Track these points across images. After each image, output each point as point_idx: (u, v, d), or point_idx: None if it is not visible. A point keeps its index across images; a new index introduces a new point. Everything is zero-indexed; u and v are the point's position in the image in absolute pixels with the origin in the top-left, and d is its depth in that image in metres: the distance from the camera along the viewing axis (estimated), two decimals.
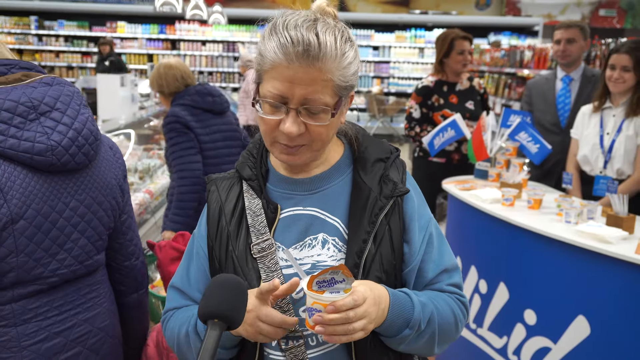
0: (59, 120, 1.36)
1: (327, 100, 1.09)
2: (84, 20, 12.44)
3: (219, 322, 0.94)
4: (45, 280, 1.36)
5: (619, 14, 13.09)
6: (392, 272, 1.18)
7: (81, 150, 1.39)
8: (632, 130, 3.07)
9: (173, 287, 1.31)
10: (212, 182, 1.30)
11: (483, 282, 2.98)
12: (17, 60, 1.42)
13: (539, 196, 2.88)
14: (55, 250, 1.36)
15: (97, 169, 1.46)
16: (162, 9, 5.39)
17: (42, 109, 1.35)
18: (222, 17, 8.66)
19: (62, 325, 1.40)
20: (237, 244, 1.19)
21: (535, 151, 3.30)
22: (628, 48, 3.07)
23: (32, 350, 1.35)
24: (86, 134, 1.40)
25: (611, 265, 2.30)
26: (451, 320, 1.21)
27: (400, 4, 13.37)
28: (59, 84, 1.42)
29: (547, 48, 5.83)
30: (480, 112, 3.92)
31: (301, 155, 1.15)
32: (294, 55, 1.05)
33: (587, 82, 3.70)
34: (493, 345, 2.92)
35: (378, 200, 1.18)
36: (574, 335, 2.43)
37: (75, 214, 1.40)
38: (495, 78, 7.24)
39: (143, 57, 12.42)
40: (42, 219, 1.33)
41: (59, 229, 1.37)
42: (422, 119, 3.96)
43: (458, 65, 3.89)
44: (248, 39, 12.05)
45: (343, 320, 1.02)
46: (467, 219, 3.17)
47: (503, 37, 12.04)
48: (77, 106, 1.42)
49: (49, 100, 1.37)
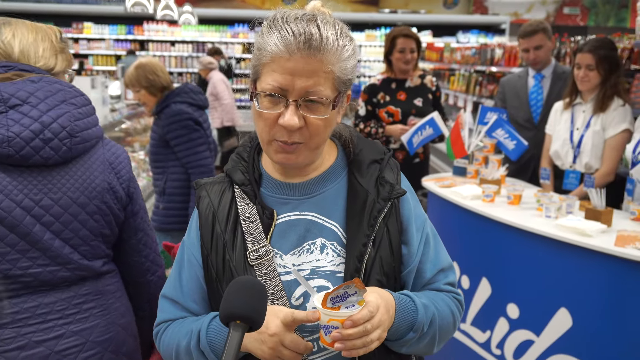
0: (25, 113, 1.33)
1: (327, 93, 1.08)
2: (48, 21, 12.12)
3: (241, 323, 0.93)
4: (18, 279, 1.31)
5: (582, 12, 13.42)
6: (392, 274, 1.18)
7: (48, 145, 1.33)
8: (599, 125, 3.16)
9: (165, 298, 1.25)
10: (202, 188, 1.25)
11: (465, 277, 3.02)
12: (16, 64, 1.41)
13: (519, 192, 2.93)
14: (24, 247, 1.32)
15: (82, 169, 1.41)
16: (133, 9, 5.30)
17: (12, 102, 1.33)
18: (192, 17, 8.57)
19: (45, 335, 1.34)
20: (234, 253, 1.17)
21: (512, 147, 3.35)
22: (591, 47, 3.16)
23: (7, 357, 1.31)
24: (55, 128, 1.34)
25: (591, 258, 2.35)
26: (450, 319, 1.22)
27: (369, 3, 13.44)
28: (46, 82, 1.40)
29: (516, 46, 5.93)
30: (428, 109, 3.95)
31: (298, 155, 1.13)
32: (295, 46, 1.04)
33: (558, 79, 3.79)
34: (476, 339, 2.96)
35: (376, 203, 1.18)
36: (556, 327, 2.49)
37: (47, 212, 1.34)
38: (466, 76, 7.33)
39: (111, 58, 12.21)
40: (4, 212, 1.29)
41: (25, 225, 1.32)
42: (366, 116, 4.01)
43: (399, 62, 3.91)
44: (218, 39, 11.95)
45: (361, 333, 1.01)
46: (448, 215, 3.20)
47: (471, 35, 12.21)
48: (58, 102, 1.37)
49: (22, 94, 1.34)
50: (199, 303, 1.22)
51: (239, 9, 12.61)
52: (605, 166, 3.15)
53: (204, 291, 1.22)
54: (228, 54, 11.54)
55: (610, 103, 3.14)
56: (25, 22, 1.51)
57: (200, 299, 1.22)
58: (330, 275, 1.15)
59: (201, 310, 1.22)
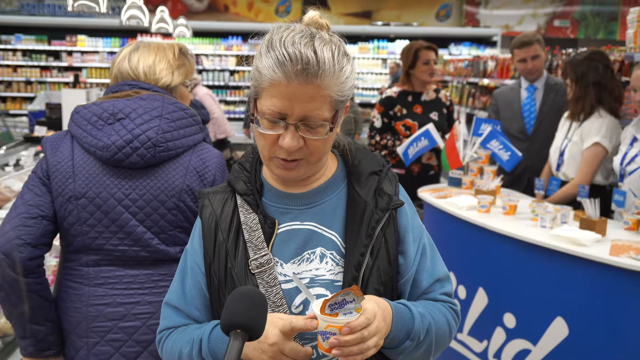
0: (125, 125, 1.68)
1: (325, 115, 1.11)
2: (42, 34, 12.17)
3: (242, 332, 0.95)
4: (110, 253, 1.70)
5: (572, 25, 13.57)
6: (390, 283, 1.20)
7: (135, 152, 1.67)
8: (578, 136, 3.21)
9: (168, 305, 1.27)
10: (205, 197, 1.28)
11: (462, 287, 3.04)
12: (137, 82, 1.78)
13: (514, 202, 2.96)
14: (114, 229, 1.68)
15: (165, 173, 1.72)
16: (129, 22, 5.32)
17: (118, 116, 1.70)
18: (187, 30, 8.60)
19: (126, 299, 1.69)
20: (235, 261, 1.19)
21: (507, 159, 3.39)
22: (571, 58, 3.31)
23: (96, 309, 1.69)
24: (142, 139, 1.68)
25: (587, 267, 2.38)
26: (446, 329, 1.24)
27: (362, 16, 13.55)
28: (150, 99, 1.74)
29: (509, 58, 6.00)
30: (444, 123, 4.01)
31: (298, 170, 1.16)
32: (292, 73, 1.06)
33: (550, 90, 3.85)
34: (473, 349, 2.98)
35: (374, 214, 1.20)
36: (553, 336, 2.51)
37: (134, 204, 1.69)
38: (459, 88, 7.40)
39: (105, 71, 12.19)
40: (100, 201, 1.67)
41: (116, 212, 1.67)
42: (383, 129, 4.04)
43: (424, 75, 3.96)
44: (212, 51, 11.98)
45: (359, 340, 1.03)
46: (444, 226, 3.23)
47: (463, 47, 12.32)
48: (151, 118, 1.70)
49: (127, 110, 1.70)
50: (201, 310, 1.24)
51: (232, 22, 12.67)
52: (576, 177, 3.20)
53: (207, 298, 1.23)
54: (222, 67, 11.59)
55: (587, 115, 3.20)
56: (150, 45, 1.82)
57: (203, 306, 1.24)
58: (329, 284, 1.18)
59: (204, 318, 1.24)
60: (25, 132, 6.55)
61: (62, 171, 1.68)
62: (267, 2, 13.34)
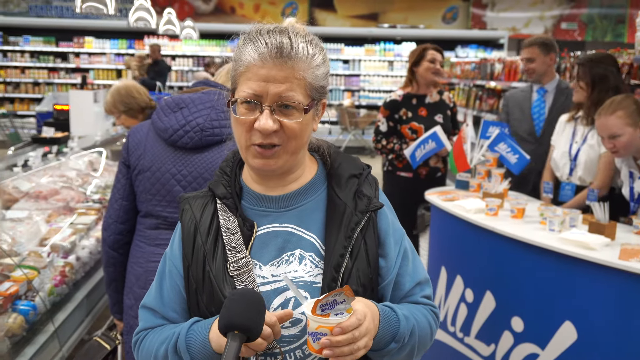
0: (183, 113, 2.06)
1: (300, 99, 1.14)
2: (50, 36, 12.24)
3: (239, 333, 0.96)
4: (166, 219, 2.08)
5: (580, 27, 13.54)
6: (369, 285, 1.21)
7: (187, 135, 2.03)
8: (595, 140, 3.19)
9: (145, 308, 1.28)
10: (185, 201, 1.29)
11: (469, 291, 3.03)
12: (208, 81, 2.24)
13: (522, 205, 2.94)
14: (169, 199, 2.06)
15: (211, 154, 2.06)
16: (137, 24, 5.34)
17: (181, 105, 2.09)
18: (194, 32, 8.63)
19: None
20: (214, 263, 1.19)
21: (515, 161, 3.38)
22: (581, 60, 3.28)
23: (154, 265, 2.01)
24: (193, 124, 2.04)
25: (595, 271, 2.36)
26: (428, 331, 1.26)
27: (369, 18, 13.56)
28: (209, 93, 2.12)
29: (517, 61, 5.99)
30: (448, 125, 3.99)
31: (277, 160, 1.17)
32: (267, 55, 1.11)
33: (561, 94, 3.85)
34: (481, 353, 2.96)
35: (354, 215, 1.21)
36: (561, 341, 2.49)
37: (184, 179, 2.04)
38: (466, 90, 7.39)
39: (112, 72, 12.27)
40: (159, 174, 2.05)
41: (170, 185, 2.05)
42: (388, 132, 4.01)
43: (428, 73, 3.92)
44: (218, 53, 12.03)
45: (350, 340, 1.04)
46: (451, 229, 3.22)
47: (470, 49, 12.31)
48: (204, 107, 2.07)
49: (188, 101, 2.09)
50: (179, 313, 1.25)
51: (239, 24, 12.71)
52: (596, 181, 3.16)
53: (185, 301, 1.24)
54: None
55: None
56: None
57: (181, 309, 1.25)
58: (308, 285, 1.18)
59: (181, 320, 1.24)
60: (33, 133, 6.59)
61: (138, 149, 2.09)
62: (274, 4, 13.38)
